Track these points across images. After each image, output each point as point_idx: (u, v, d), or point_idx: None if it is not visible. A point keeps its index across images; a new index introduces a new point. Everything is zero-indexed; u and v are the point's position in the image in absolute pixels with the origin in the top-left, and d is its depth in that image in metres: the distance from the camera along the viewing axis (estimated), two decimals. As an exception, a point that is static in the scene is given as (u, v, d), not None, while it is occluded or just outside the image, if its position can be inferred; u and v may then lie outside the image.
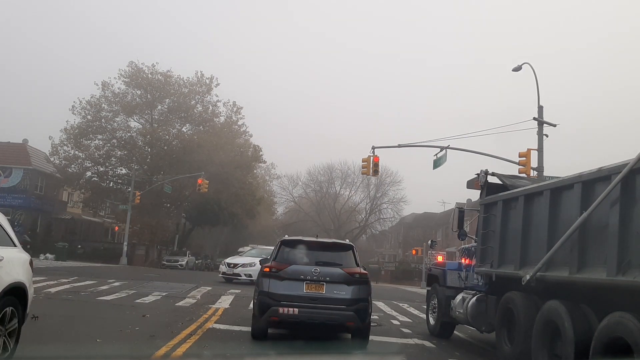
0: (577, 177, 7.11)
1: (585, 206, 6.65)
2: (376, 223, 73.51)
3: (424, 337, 11.69)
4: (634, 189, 5.92)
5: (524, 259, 8.33)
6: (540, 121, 21.43)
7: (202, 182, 39.35)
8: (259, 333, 9.59)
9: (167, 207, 51.37)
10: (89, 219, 57.02)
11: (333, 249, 10.35)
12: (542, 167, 20.84)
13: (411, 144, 25.65)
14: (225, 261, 25.88)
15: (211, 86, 49.54)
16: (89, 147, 47.31)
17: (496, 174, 10.39)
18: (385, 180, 67.22)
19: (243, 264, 24.29)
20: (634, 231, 5.83)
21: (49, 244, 41.31)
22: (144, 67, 47.63)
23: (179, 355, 7.79)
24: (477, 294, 10.36)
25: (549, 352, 7.34)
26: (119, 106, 47.47)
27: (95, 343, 8.33)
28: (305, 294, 9.15)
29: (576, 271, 6.80)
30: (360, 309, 9.21)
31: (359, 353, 9.28)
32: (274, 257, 9.83)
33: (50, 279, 18.91)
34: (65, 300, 13.68)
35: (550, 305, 7.32)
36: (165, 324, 10.66)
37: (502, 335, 9.01)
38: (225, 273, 24.71)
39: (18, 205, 46.81)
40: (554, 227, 7.50)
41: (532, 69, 22.46)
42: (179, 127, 49.94)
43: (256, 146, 52.41)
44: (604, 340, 6.01)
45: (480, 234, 10.33)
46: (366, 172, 25.15)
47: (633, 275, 5.69)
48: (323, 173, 72.11)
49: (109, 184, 50.39)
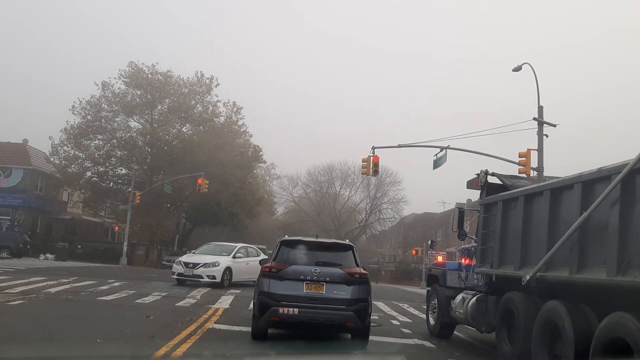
0: (577, 177, 7.11)
1: (585, 206, 6.66)
2: (376, 223, 73.51)
3: (424, 337, 11.69)
4: (634, 189, 5.92)
5: (524, 259, 8.34)
6: (540, 121, 21.43)
7: (202, 182, 39.31)
8: (259, 333, 9.60)
9: (167, 207, 51.33)
10: (89, 219, 57.01)
11: (333, 249, 10.35)
12: (542, 167, 20.84)
13: (411, 144, 25.67)
14: (181, 260, 21.36)
15: (211, 86, 49.52)
16: (89, 147, 47.28)
17: (496, 174, 10.39)
18: (385, 180, 67.24)
19: (205, 263, 20.47)
20: (634, 231, 5.83)
21: (49, 244, 41.29)
22: (144, 67, 47.62)
23: (179, 355, 7.79)
24: (477, 294, 10.36)
25: (549, 352, 7.34)
26: (119, 106, 47.44)
27: (95, 343, 8.33)
28: (305, 294, 9.16)
29: (576, 271, 6.80)
30: (360, 309, 9.22)
31: (359, 353, 9.29)
32: (274, 257, 9.83)
33: (50, 279, 18.92)
34: (65, 300, 13.68)
35: (550, 306, 7.32)
36: (165, 324, 10.67)
37: (502, 335, 9.01)
38: (183, 274, 20.52)
39: (18, 205, 46.81)
40: (554, 227, 7.50)
41: (532, 69, 22.48)
42: (179, 127, 49.90)
43: (256, 146, 52.40)
44: (604, 340, 6.01)
45: (480, 234, 10.33)
46: (366, 172, 25.15)
47: (633, 275, 5.69)
48: (323, 173, 72.14)
49: (109, 184, 50.35)
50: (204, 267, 20.33)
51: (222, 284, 20.08)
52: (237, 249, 22.14)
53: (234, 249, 22.09)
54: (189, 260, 21.15)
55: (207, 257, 21.10)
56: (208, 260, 20.65)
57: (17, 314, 11.02)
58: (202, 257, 21.14)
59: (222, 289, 19.43)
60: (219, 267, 20.28)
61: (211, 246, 23.65)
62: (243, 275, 21.44)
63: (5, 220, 46.39)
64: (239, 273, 21.25)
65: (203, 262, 20.51)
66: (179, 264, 20.93)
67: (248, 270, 21.12)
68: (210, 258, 20.85)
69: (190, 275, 20.31)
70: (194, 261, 20.84)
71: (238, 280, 21.18)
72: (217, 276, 20.03)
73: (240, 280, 21.31)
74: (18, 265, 26.74)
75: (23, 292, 14.48)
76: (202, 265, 20.37)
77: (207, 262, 20.49)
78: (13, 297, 13.27)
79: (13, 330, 8.97)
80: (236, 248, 22.21)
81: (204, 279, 20.07)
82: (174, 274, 20.88)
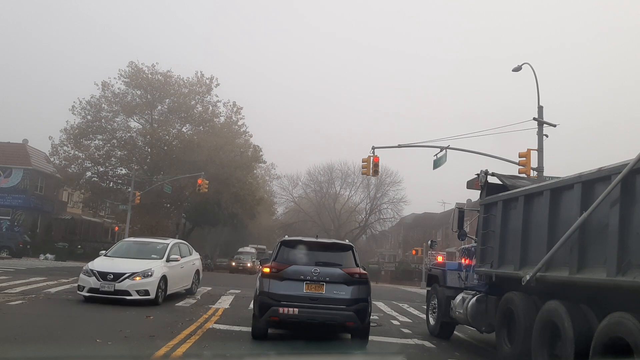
0: (577, 177, 7.11)
1: (585, 206, 6.66)
2: (376, 223, 73.52)
3: (424, 337, 11.69)
4: (634, 189, 5.92)
5: (523, 259, 8.34)
6: (540, 121, 21.41)
7: (202, 182, 39.31)
8: (259, 333, 9.61)
9: (167, 207, 51.35)
10: (89, 219, 57.00)
11: (333, 249, 10.35)
12: (542, 167, 20.83)
13: (411, 144, 25.65)
14: (94, 269, 13.63)
15: (211, 86, 49.57)
16: (89, 147, 47.31)
17: (496, 174, 10.39)
18: (385, 180, 67.29)
19: (133, 273, 13.47)
20: (634, 231, 5.84)
21: (49, 244, 41.31)
22: (144, 67, 47.67)
23: (179, 356, 7.79)
24: (477, 294, 10.36)
25: (549, 352, 7.34)
26: (119, 106, 47.48)
27: (96, 343, 8.33)
28: (305, 294, 9.16)
29: (576, 271, 6.80)
30: (360, 309, 9.23)
31: (359, 353, 9.30)
32: (274, 258, 9.83)
33: (50, 279, 18.93)
34: (65, 300, 13.67)
35: (550, 306, 7.32)
36: (165, 324, 10.67)
37: (502, 335, 9.01)
38: (98, 291, 13.26)
39: (18, 205, 46.80)
40: (554, 227, 7.50)
41: (532, 69, 22.46)
42: (179, 127, 49.94)
43: (256, 146, 52.44)
44: (604, 340, 6.01)
45: (480, 234, 10.33)
46: (366, 172, 25.14)
47: (633, 275, 5.69)
48: (323, 173, 72.20)
49: (109, 184, 50.38)
50: (131, 279, 13.34)
51: (156, 300, 13.61)
52: (170, 247, 15.37)
53: (166, 247, 15.32)
54: (106, 268, 13.67)
55: (133, 262, 14.17)
56: (136, 267, 13.72)
57: (17, 314, 11.03)
58: (126, 263, 14.08)
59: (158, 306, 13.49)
60: (152, 277, 13.62)
61: (130, 244, 16.27)
62: (179, 284, 15.56)
63: (5, 220, 46.39)
64: (174, 281, 15.01)
65: (129, 272, 13.47)
66: (89, 274, 13.51)
67: (184, 276, 15.98)
68: (139, 264, 13.98)
69: (109, 292, 13.20)
70: (115, 270, 13.53)
71: (173, 291, 15.06)
72: (150, 291, 13.46)
73: (175, 291, 15.27)
74: (18, 265, 26.75)
75: (23, 292, 14.49)
76: (129, 276, 13.36)
77: (136, 270, 13.56)
78: (13, 297, 13.27)
79: (13, 330, 8.97)
80: (169, 247, 15.40)
81: (133, 296, 13.25)
82: (82, 289, 13.45)
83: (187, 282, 16.36)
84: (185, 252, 16.68)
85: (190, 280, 16.66)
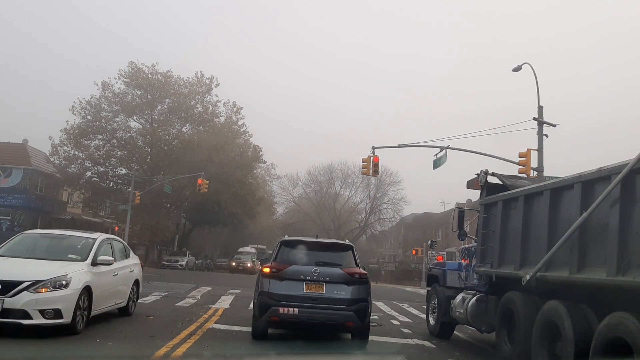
0: (577, 177, 7.11)
1: (585, 206, 6.65)
2: (376, 223, 73.57)
3: (424, 337, 11.69)
4: (634, 189, 5.92)
5: (524, 259, 8.33)
6: (540, 121, 21.40)
7: (202, 182, 39.30)
8: (259, 333, 9.61)
9: (167, 207, 51.34)
10: (89, 219, 56.95)
11: (333, 249, 10.35)
12: (542, 167, 20.83)
13: (411, 144, 25.65)
14: None
15: (211, 86, 49.58)
16: (89, 147, 47.31)
17: (496, 174, 10.39)
18: (385, 180, 67.36)
19: (36, 282, 8.25)
20: (634, 231, 5.84)
21: (48, 244, 41.17)
22: (144, 67, 47.66)
23: (179, 355, 7.79)
24: (477, 294, 10.36)
25: (549, 352, 7.34)
26: (119, 106, 47.47)
27: (96, 343, 8.32)
28: (305, 294, 9.17)
29: (576, 271, 6.80)
30: (360, 309, 9.23)
31: (359, 353, 9.30)
32: (274, 258, 9.83)
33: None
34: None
35: (550, 305, 7.32)
36: (165, 324, 10.66)
37: (502, 335, 9.01)
38: None
39: (18, 205, 46.76)
40: (554, 227, 7.50)
41: (532, 69, 22.45)
42: (179, 127, 49.94)
43: (256, 146, 52.48)
44: (604, 340, 6.01)
45: (480, 234, 10.33)
46: (366, 172, 25.12)
47: (633, 275, 5.69)
48: (323, 173, 72.25)
49: (109, 184, 50.38)
50: (32, 292, 8.16)
51: (74, 326, 8.58)
52: (97, 245, 10.05)
53: (92, 245, 10.01)
54: None
55: (38, 265, 9.10)
56: (42, 273, 8.58)
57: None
58: (26, 266, 9.01)
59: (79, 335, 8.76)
60: (68, 288, 8.48)
61: (36, 238, 10.80)
62: (110, 299, 10.31)
63: (5, 221, 46.36)
64: (104, 296, 9.86)
65: (30, 279, 8.29)
66: None
67: (117, 289, 10.66)
68: (47, 268, 8.83)
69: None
70: (6, 277, 8.26)
71: (101, 310, 9.85)
72: (64, 311, 8.32)
73: (103, 310, 10.02)
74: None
75: None
76: (28, 287, 8.18)
77: (41, 277, 8.41)
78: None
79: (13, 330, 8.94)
80: (95, 244, 10.05)
81: (34, 319, 8.11)
82: None
83: (121, 298, 10.85)
84: (120, 253, 11.25)
85: (127, 295, 11.08)
